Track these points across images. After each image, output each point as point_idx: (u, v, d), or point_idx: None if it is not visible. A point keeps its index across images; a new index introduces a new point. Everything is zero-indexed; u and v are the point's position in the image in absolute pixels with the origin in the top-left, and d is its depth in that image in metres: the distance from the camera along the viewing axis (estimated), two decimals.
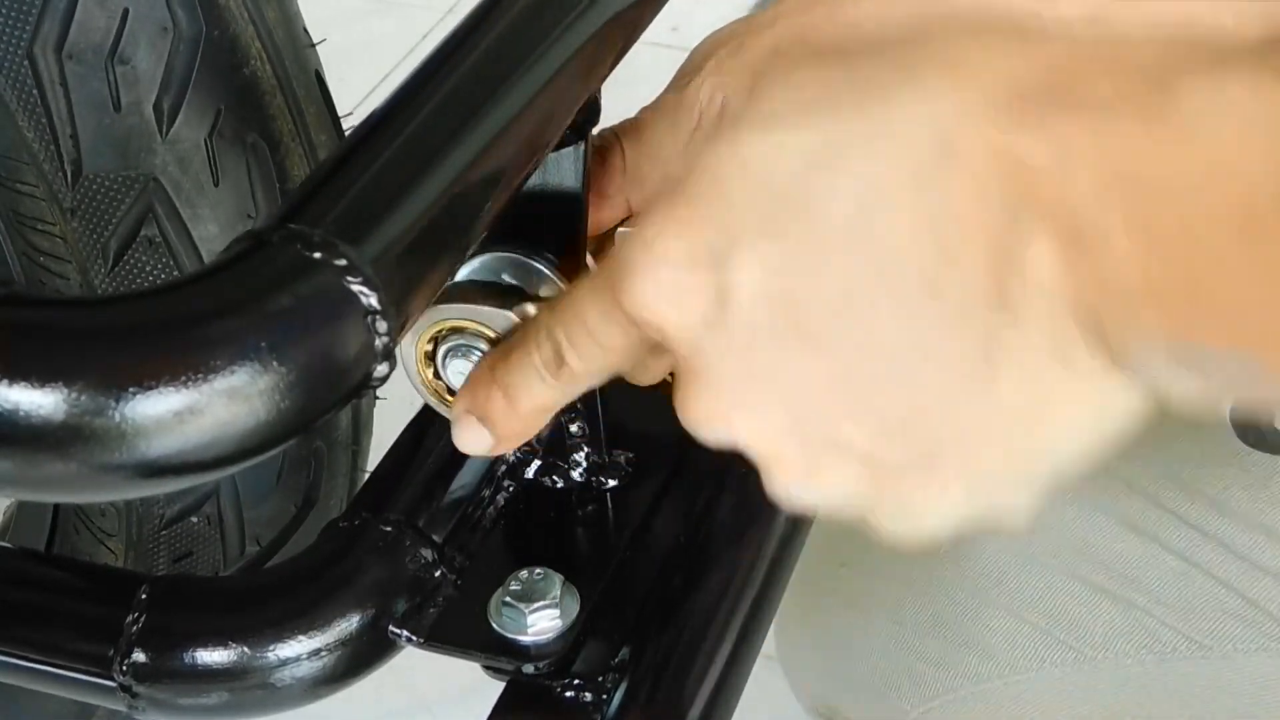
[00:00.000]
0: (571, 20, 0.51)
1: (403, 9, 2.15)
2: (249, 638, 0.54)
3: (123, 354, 0.39)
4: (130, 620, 0.55)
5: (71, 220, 0.88)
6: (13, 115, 0.85)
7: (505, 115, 0.48)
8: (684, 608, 0.58)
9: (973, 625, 0.80)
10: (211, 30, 0.85)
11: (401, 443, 0.62)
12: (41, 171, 0.87)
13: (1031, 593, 0.79)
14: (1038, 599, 0.79)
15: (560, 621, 0.56)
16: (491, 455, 0.58)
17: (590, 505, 0.62)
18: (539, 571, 0.57)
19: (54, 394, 0.38)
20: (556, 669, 0.55)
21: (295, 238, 0.42)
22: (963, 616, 0.80)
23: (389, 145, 0.46)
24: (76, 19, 0.83)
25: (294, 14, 0.92)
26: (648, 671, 0.56)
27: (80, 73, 0.84)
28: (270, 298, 0.40)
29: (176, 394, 0.39)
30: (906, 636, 0.82)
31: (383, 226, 0.44)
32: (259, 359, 0.40)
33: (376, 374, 0.43)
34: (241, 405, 0.40)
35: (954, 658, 0.80)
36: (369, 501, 0.58)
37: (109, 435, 0.39)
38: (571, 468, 0.62)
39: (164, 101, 0.85)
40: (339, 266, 0.42)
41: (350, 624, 0.55)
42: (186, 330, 0.40)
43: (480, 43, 0.50)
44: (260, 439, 0.40)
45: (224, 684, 0.54)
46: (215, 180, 0.89)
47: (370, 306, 0.42)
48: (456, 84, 0.48)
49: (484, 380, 0.53)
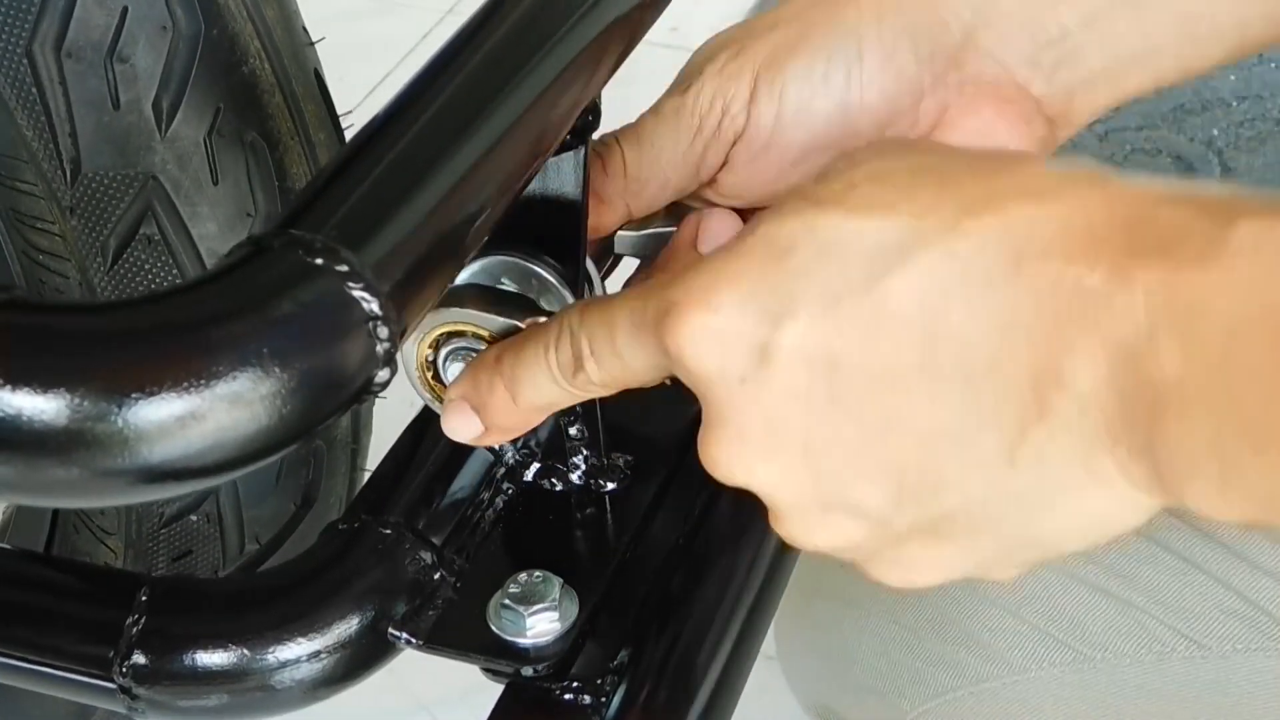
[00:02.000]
0: (572, 26, 0.51)
1: (403, 9, 2.15)
2: (248, 640, 0.54)
3: (125, 359, 0.39)
4: (130, 622, 0.55)
5: (70, 218, 0.88)
6: (11, 113, 0.85)
7: (506, 121, 0.48)
8: (683, 610, 0.58)
9: (971, 625, 0.80)
10: (210, 28, 0.85)
11: (401, 445, 0.62)
12: (40, 170, 0.87)
13: (1030, 592, 0.79)
14: (1036, 598, 0.79)
15: (559, 624, 0.56)
16: (477, 445, 0.59)
17: (589, 508, 0.62)
18: (538, 574, 0.57)
19: (56, 399, 0.38)
20: (556, 671, 0.55)
21: (297, 243, 0.42)
22: (961, 616, 0.80)
23: (390, 151, 0.46)
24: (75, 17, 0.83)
25: (293, 12, 0.92)
26: (647, 673, 0.56)
27: (79, 71, 0.84)
28: (272, 303, 0.40)
29: (178, 399, 0.39)
30: (905, 636, 0.82)
31: (384, 232, 0.44)
32: (260, 365, 0.40)
33: (378, 379, 0.43)
34: (243, 411, 0.40)
35: (953, 657, 0.80)
36: (368, 504, 0.58)
37: (111, 441, 0.39)
38: (570, 470, 0.62)
39: (163, 100, 0.85)
40: (340, 272, 0.42)
41: (350, 626, 0.55)
42: (188, 336, 0.40)
43: (480, 49, 0.50)
44: (262, 444, 0.41)
45: (223, 686, 0.54)
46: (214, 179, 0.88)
47: (371, 312, 0.42)
48: (457, 90, 0.48)
49: (487, 369, 0.54)
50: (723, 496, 0.62)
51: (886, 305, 0.45)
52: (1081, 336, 0.43)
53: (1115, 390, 0.43)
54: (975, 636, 0.80)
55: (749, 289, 0.47)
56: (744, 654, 0.58)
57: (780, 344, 0.46)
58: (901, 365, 0.46)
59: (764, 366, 0.47)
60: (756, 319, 0.46)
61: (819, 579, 0.86)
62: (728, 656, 0.57)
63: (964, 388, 0.45)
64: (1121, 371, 0.43)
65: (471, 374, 0.54)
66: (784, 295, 0.46)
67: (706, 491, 0.62)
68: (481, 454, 0.62)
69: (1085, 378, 0.43)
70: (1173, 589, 0.77)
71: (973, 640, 0.80)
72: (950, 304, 0.45)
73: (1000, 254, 0.45)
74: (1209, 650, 0.76)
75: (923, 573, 0.49)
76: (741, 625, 0.59)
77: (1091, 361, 0.43)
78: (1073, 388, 0.44)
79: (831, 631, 0.85)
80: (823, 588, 0.86)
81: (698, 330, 0.47)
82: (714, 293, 0.47)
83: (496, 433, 0.55)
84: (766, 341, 0.46)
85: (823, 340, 0.46)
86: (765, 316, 0.46)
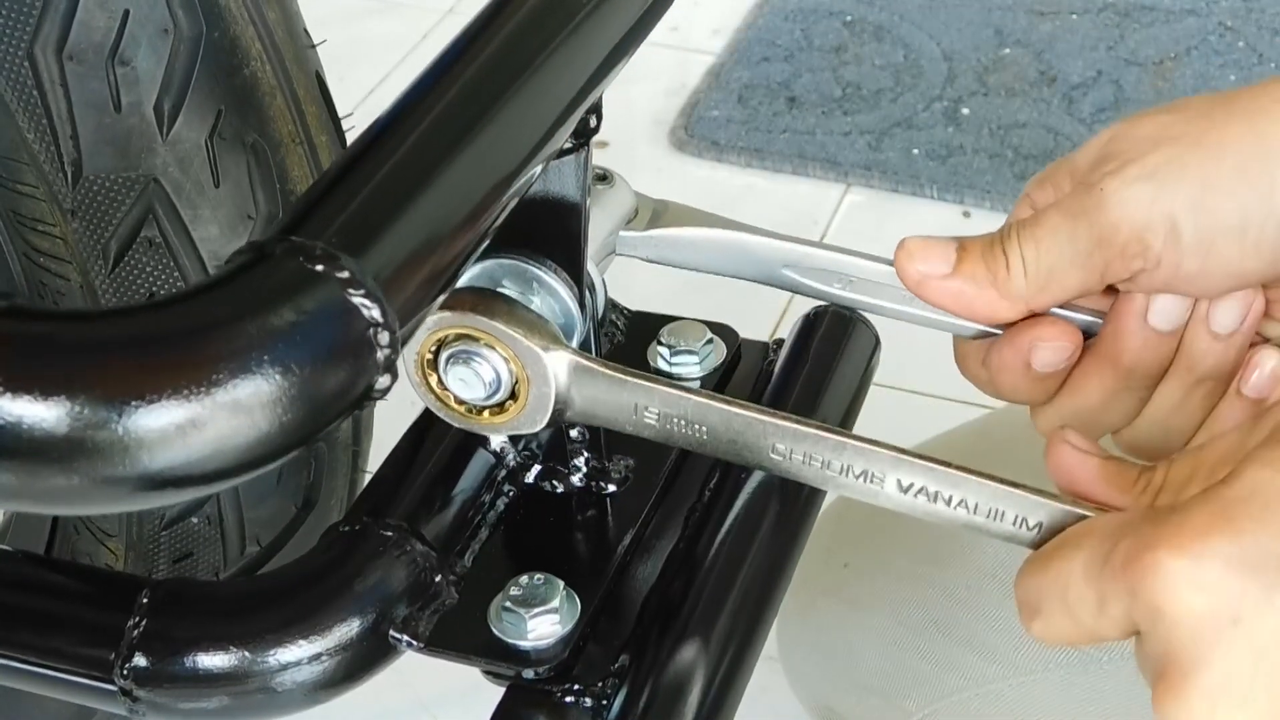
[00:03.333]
0: (572, 30, 0.51)
1: (403, 9, 2.15)
2: (249, 642, 0.54)
3: (125, 367, 0.39)
4: (131, 624, 0.55)
5: (72, 221, 0.88)
6: (13, 116, 0.85)
7: (507, 125, 0.48)
8: (684, 612, 0.58)
9: (977, 626, 0.80)
10: (212, 31, 0.85)
11: (402, 447, 0.62)
12: (42, 172, 0.87)
13: None
14: None
15: (560, 626, 0.56)
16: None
17: (590, 510, 0.62)
18: (539, 576, 0.57)
19: (56, 407, 0.38)
20: (557, 674, 0.55)
21: (297, 250, 0.42)
22: (967, 617, 0.80)
23: (390, 157, 0.46)
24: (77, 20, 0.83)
25: (294, 14, 0.92)
26: (648, 676, 0.56)
27: (81, 73, 0.84)
28: (272, 311, 0.40)
29: (178, 407, 0.39)
30: (910, 637, 0.82)
31: (384, 239, 0.43)
32: (261, 372, 0.40)
33: (379, 386, 0.43)
34: (243, 418, 0.40)
35: (958, 659, 0.80)
36: (369, 506, 0.58)
37: (111, 448, 0.39)
38: (572, 473, 0.62)
39: (164, 102, 0.85)
40: (341, 279, 0.42)
41: (350, 629, 0.55)
42: (188, 343, 0.40)
43: (481, 53, 0.49)
44: (262, 452, 0.40)
45: (224, 688, 0.54)
46: (216, 181, 0.89)
47: (372, 319, 0.42)
48: (458, 94, 0.48)
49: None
50: (724, 497, 0.62)
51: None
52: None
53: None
54: (981, 638, 0.80)
55: (1251, 536, 0.46)
56: (745, 656, 0.58)
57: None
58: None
59: (1260, 612, 0.46)
60: (1257, 566, 0.46)
61: (822, 579, 0.86)
62: (729, 659, 0.57)
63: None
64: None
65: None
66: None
67: (707, 493, 0.62)
68: (483, 456, 0.62)
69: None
70: None
71: (978, 642, 0.80)
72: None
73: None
74: None
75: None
76: (743, 627, 0.58)
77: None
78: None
79: (835, 632, 0.85)
80: (826, 588, 0.86)
81: (1191, 578, 0.46)
82: (1210, 541, 0.47)
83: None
84: (1264, 586, 0.46)
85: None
86: (1264, 562, 0.46)
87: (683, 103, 1.95)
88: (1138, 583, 0.47)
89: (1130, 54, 2.00)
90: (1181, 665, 0.47)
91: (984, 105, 1.93)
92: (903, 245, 0.59)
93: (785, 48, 2.02)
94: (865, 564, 0.85)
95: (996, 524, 0.54)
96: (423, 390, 0.58)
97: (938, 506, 0.54)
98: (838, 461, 0.55)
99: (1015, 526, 0.53)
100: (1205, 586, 0.46)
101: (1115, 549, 0.48)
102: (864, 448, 0.54)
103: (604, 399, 0.56)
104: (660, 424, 0.56)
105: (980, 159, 1.86)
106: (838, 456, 0.55)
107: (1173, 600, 0.47)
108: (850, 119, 1.92)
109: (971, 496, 0.53)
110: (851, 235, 1.79)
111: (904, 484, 0.54)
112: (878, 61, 2.01)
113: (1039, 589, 0.51)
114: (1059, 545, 0.51)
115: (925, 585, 0.82)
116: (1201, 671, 0.47)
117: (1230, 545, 0.46)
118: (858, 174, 1.86)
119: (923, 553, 0.82)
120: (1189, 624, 0.47)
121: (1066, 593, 0.50)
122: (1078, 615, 0.50)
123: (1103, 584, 0.48)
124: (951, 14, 2.07)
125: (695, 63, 2.01)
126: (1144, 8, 2.07)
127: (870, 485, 0.55)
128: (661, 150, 1.90)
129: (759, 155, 1.89)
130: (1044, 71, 1.98)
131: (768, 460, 0.56)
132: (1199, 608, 0.47)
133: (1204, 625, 0.47)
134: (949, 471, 0.54)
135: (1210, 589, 0.46)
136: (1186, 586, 0.46)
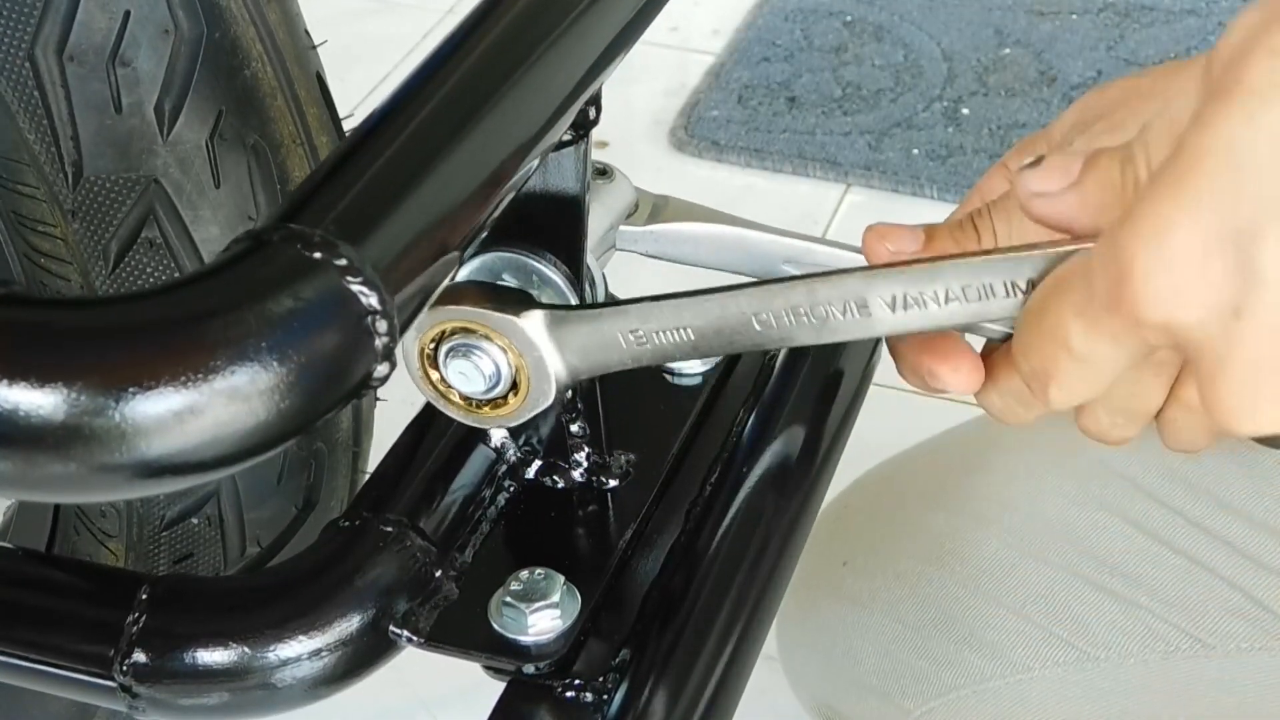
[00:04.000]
0: (572, 21, 0.51)
1: (403, 9, 2.15)
2: (249, 638, 0.54)
3: (122, 354, 0.39)
4: (131, 620, 0.55)
5: (72, 222, 0.88)
6: (14, 117, 0.85)
7: (506, 115, 0.48)
8: (685, 608, 0.58)
9: (975, 624, 0.80)
10: (213, 32, 0.85)
11: (402, 442, 0.62)
12: (42, 173, 0.87)
13: (1034, 591, 0.79)
14: (1041, 597, 0.79)
15: (561, 622, 0.56)
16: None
17: (591, 505, 0.62)
18: (540, 572, 0.57)
19: (54, 394, 0.38)
20: (557, 669, 0.55)
21: (295, 238, 0.42)
22: (965, 615, 0.80)
23: (389, 145, 0.46)
24: (78, 20, 0.83)
25: (295, 15, 0.92)
26: (648, 672, 0.56)
27: (81, 74, 0.84)
28: (270, 298, 0.40)
29: (176, 394, 0.39)
30: (908, 635, 0.82)
31: (383, 227, 0.43)
32: (258, 359, 0.40)
33: (377, 374, 0.43)
34: (241, 405, 0.40)
35: (956, 657, 0.80)
36: (369, 501, 0.58)
37: (109, 435, 0.39)
38: (572, 468, 0.62)
39: (165, 103, 0.85)
40: (339, 267, 0.42)
41: (351, 624, 0.55)
42: (186, 330, 0.40)
43: (480, 43, 0.49)
44: (260, 439, 0.40)
45: (224, 684, 0.54)
46: (216, 182, 0.89)
47: (370, 307, 0.42)
48: (457, 84, 0.48)
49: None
50: (724, 493, 0.62)
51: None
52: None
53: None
54: (979, 635, 0.80)
55: (1207, 216, 0.43)
56: (746, 652, 0.58)
57: (1262, 260, 0.43)
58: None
59: (1253, 290, 0.44)
60: (1226, 245, 0.43)
61: (821, 578, 0.86)
62: (730, 655, 0.57)
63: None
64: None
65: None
66: (1244, 208, 0.43)
67: (708, 489, 0.62)
68: (483, 451, 0.62)
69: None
70: (1177, 588, 0.77)
71: (976, 639, 0.80)
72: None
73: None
74: (1214, 649, 0.76)
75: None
76: (744, 623, 0.58)
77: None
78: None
79: (834, 630, 0.85)
80: (825, 587, 0.86)
81: (1165, 285, 0.44)
82: (1168, 236, 0.44)
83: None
84: (1245, 263, 0.43)
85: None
86: (1234, 238, 0.43)
87: (683, 103, 1.95)
88: (1142, 312, 0.45)
89: (1130, 54, 2.00)
90: (1208, 370, 0.45)
91: (984, 105, 1.93)
92: (871, 228, 0.59)
93: (785, 48, 2.02)
94: (864, 563, 0.85)
95: (994, 303, 0.51)
96: (426, 386, 0.58)
97: (931, 310, 0.52)
98: (819, 306, 0.53)
99: (1010, 294, 0.51)
100: (1192, 299, 0.44)
101: (1095, 285, 0.46)
102: (832, 278, 0.53)
103: (591, 342, 0.55)
104: (651, 343, 0.55)
105: (980, 159, 1.86)
106: (813, 298, 0.53)
107: (1173, 314, 0.44)
108: (850, 119, 1.93)
109: (956, 281, 0.51)
110: (851, 235, 1.78)
111: (888, 300, 0.52)
112: (878, 61, 2.01)
113: (1040, 351, 0.49)
114: (1043, 299, 0.49)
115: (924, 584, 0.82)
116: (1225, 372, 0.45)
117: (1196, 235, 0.44)
118: (858, 174, 1.86)
119: (922, 552, 0.82)
120: (1197, 330, 0.45)
121: (1069, 343, 0.48)
122: (1088, 361, 0.48)
123: (1099, 323, 0.47)
124: (951, 14, 2.07)
125: (695, 63, 2.01)
126: (1144, 8, 2.07)
127: (861, 319, 0.53)
128: (661, 150, 1.90)
129: (759, 155, 1.89)
130: (1044, 71, 1.98)
131: (757, 335, 0.54)
132: (1194, 318, 0.44)
133: (1210, 327, 0.44)
134: (922, 266, 0.52)
135: (1198, 297, 0.44)
136: (1174, 303, 0.44)
